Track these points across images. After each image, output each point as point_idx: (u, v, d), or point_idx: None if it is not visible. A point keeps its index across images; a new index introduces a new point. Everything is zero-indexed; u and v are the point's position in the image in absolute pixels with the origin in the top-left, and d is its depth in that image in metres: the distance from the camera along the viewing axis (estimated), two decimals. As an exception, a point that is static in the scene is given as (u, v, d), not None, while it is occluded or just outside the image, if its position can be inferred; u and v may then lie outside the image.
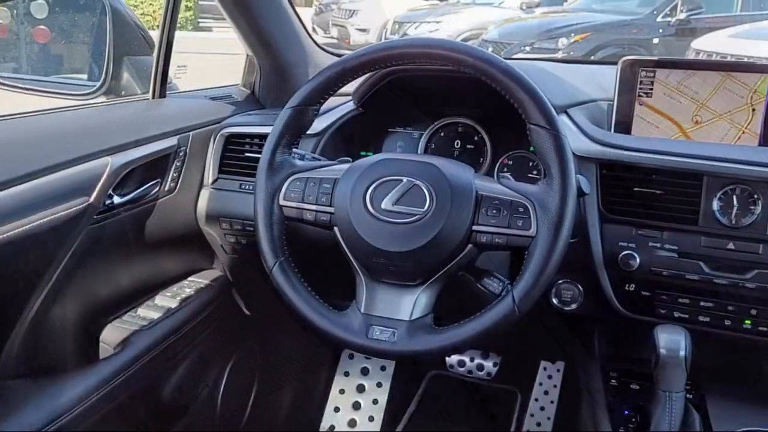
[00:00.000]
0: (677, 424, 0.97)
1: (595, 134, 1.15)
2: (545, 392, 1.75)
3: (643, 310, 1.12)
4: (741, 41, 4.76)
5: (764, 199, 1.05)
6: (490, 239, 0.94)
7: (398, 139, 1.44)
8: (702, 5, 6.89)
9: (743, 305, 1.07)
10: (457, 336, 0.92)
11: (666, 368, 0.98)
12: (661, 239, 1.09)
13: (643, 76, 1.22)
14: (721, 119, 1.20)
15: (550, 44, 6.68)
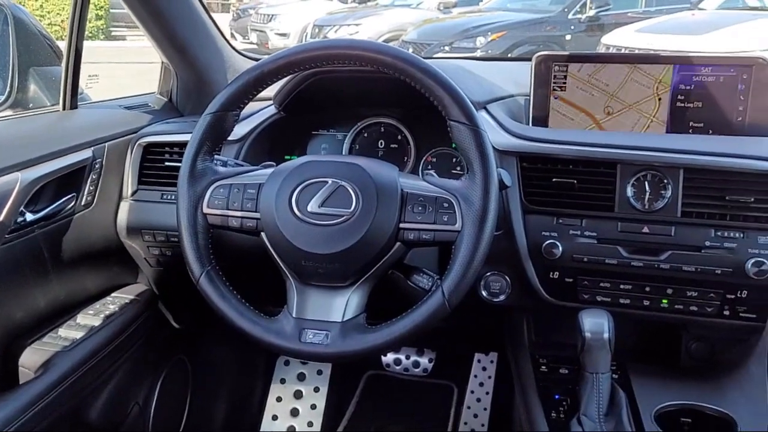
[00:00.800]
0: (605, 403, 1.01)
1: (514, 128, 1.18)
2: (480, 384, 1.78)
3: (568, 296, 1.15)
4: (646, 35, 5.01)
5: (673, 183, 1.10)
6: (417, 236, 0.95)
7: (322, 141, 1.43)
8: (609, 2, 7.19)
9: (659, 286, 1.12)
10: (390, 333, 0.93)
11: (591, 351, 1.01)
12: (581, 227, 1.13)
13: (557, 70, 1.26)
14: (631, 109, 1.25)
15: (468, 43, 6.82)
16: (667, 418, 1.08)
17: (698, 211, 1.09)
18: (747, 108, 1.19)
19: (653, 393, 1.11)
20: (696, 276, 1.09)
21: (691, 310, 1.11)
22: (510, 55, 6.46)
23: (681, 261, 1.09)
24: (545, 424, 1.08)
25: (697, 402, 1.09)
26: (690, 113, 1.22)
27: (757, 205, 1.07)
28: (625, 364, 1.19)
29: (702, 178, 1.09)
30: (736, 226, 1.09)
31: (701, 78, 1.21)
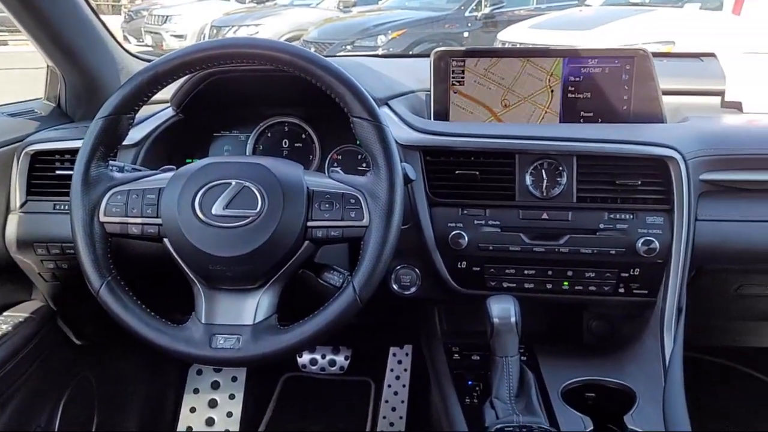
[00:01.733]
0: (515, 385, 1.05)
1: (416, 123, 1.20)
2: (397, 377, 1.81)
3: (476, 284, 1.19)
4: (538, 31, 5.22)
5: (568, 170, 1.15)
6: (325, 233, 0.95)
7: (225, 143, 1.40)
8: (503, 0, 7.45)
9: (560, 269, 1.17)
10: (304, 333, 0.92)
11: (500, 335, 1.04)
12: (485, 217, 1.16)
13: (455, 65, 1.29)
14: (526, 101, 1.30)
15: (370, 42, 6.87)
16: (573, 394, 1.13)
17: (592, 196, 1.15)
18: (631, 97, 1.26)
19: (559, 372, 1.16)
20: (593, 257, 1.15)
21: (590, 290, 1.17)
22: (411, 52, 6.56)
23: (579, 244, 1.15)
24: (460, 409, 1.10)
25: (600, 377, 1.15)
26: (580, 103, 1.28)
27: (644, 188, 1.15)
28: (533, 346, 1.23)
29: (593, 164, 1.15)
30: (626, 208, 1.15)
31: (589, 70, 1.27)
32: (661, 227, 1.14)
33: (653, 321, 1.18)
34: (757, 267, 1.23)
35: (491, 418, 1.02)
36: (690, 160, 1.15)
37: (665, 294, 1.16)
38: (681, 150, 1.14)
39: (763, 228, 1.19)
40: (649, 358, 1.17)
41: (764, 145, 1.20)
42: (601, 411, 1.10)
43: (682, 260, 1.14)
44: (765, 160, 1.18)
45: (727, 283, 1.30)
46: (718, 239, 1.18)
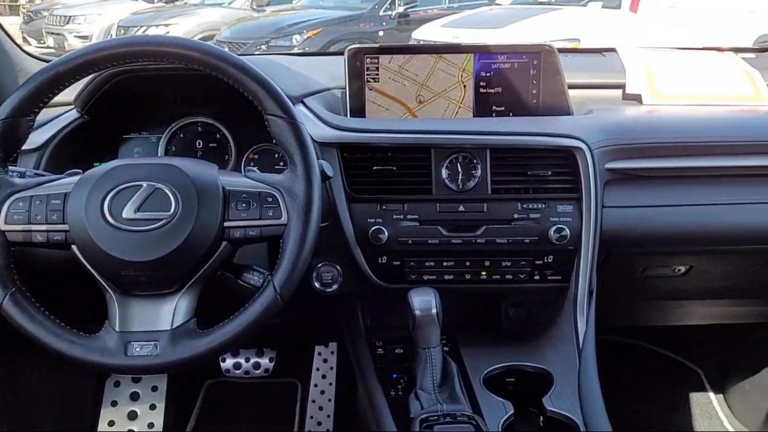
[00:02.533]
0: (438, 375, 1.07)
1: (333, 120, 1.20)
2: (323, 376, 1.80)
3: (397, 278, 1.20)
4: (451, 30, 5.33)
5: (482, 163, 1.19)
6: (243, 233, 0.93)
7: (135, 145, 1.35)
8: (416, 0, 7.55)
9: (478, 259, 1.20)
10: (224, 335, 0.91)
11: (422, 327, 1.06)
12: (404, 211, 1.18)
13: (369, 62, 1.30)
14: (440, 97, 1.32)
15: (285, 41, 6.81)
16: (494, 380, 1.16)
17: (505, 187, 1.19)
18: (540, 91, 1.31)
19: (480, 359, 1.19)
20: (508, 247, 1.18)
21: (507, 278, 1.21)
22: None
23: (495, 234, 1.18)
24: (385, 403, 1.11)
25: (519, 362, 1.19)
26: (492, 98, 1.31)
27: (554, 178, 1.19)
28: (455, 336, 1.26)
29: (506, 157, 1.19)
30: (538, 198, 1.19)
31: (499, 65, 1.31)
32: (571, 215, 1.19)
33: (567, 305, 1.23)
34: (659, 250, 1.31)
35: (416, 409, 1.03)
36: (595, 150, 1.20)
37: (577, 279, 1.21)
38: (587, 141, 1.20)
39: (664, 213, 1.26)
40: (564, 341, 1.21)
41: (662, 135, 1.27)
42: (521, 394, 1.14)
43: (592, 246, 1.20)
44: (662, 149, 1.26)
45: (633, 266, 1.38)
46: (623, 225, 1.24)
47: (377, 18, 7.26)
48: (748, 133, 1.29)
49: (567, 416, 1.07)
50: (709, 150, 1.27)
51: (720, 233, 1.27)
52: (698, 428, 1.97)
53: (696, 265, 1.39)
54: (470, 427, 0.98)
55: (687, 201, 1.26)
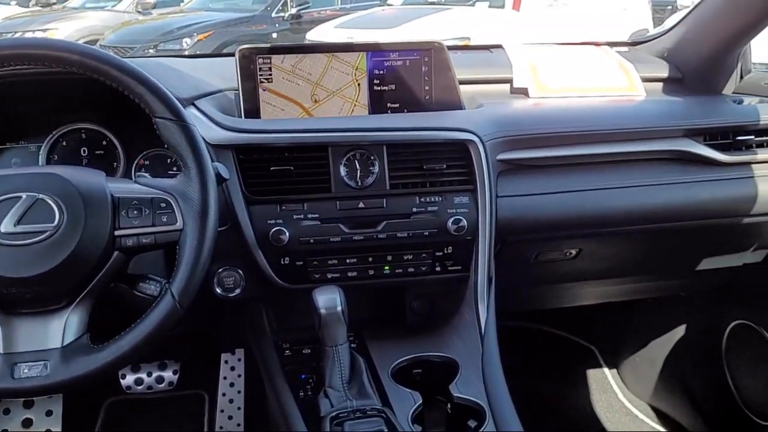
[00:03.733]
0: (347, 372, 1.07)
1: (226, 122, 1.18)
2: (231, 384, 1.76)
3: (301, 278, 1.19)
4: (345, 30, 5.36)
5: (379, 159, 1.20)
6: (136, 241, 0.90)
7: (12, 155, 1.27)
8: (309, 1, 7.53)
9: (380, 254, 1.21)
10: (121, 348, 0.87)
11: (328, 326, 1.06)
12: (304, 211, 1.17)
13: (261, 63, 1.28)
14: (335, 96, 1.32)
15: (174, 45, 6.61)
16: (402, 372, 1.18)
17: (403, 182, 1.21)
18: (432, 87, 1.34)
19: (388, 353, 1.21)
20: (409, 240, 1.20)
21: (409, 271, 1.23)
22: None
23: (395, 229, 1.20)
24: (294, 404, 1.10)
25: (425, 353, 1.21)
26: (387, 95, 1.33)
27: (450, 171, 1.22)
28: (361, 332, 1.27)
29: (402, 152, 1.21)
30: (435, 191, 1.22)
31: (391, 63, 1.32)
32: (468, 206, 1.22)
33: (468, 294, 1.27)
34: (550, 235, 1.38)
35: (326, 408, 1.03)
36: (487, 142, 1.24)
37: (476, 268, 1.25)
38: (478, 133, 1.24)
39: (553, 199, 1.33)
40: (467, 328, 1.25)
41: (547, 126, 1.34)
42: (429, 384, 1.16)
43: (488, 235, 1.24)
44: (549, 139, 1.32)
45: (528, 252, 1.44)
46: (516, 213, 1.30)
47: (270, 20, 7.18)
48: (625, 122, 1.38)
49: (473, 401, 1.10)
50: (590, 138, 1.35)
51: (604, 216, 1.36)
52: (595, 402, 2.09)
53: (585, 248, 1.47)
54: (380, 420, 0.99)
55: (573, 187, 1.34)
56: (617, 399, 2.11)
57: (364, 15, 6.39)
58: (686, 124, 1.41)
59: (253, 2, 7.56)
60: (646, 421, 2.02)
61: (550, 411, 2.04)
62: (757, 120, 1.44)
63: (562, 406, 2.07)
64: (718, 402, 1.88)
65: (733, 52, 1.56)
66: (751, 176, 1.43)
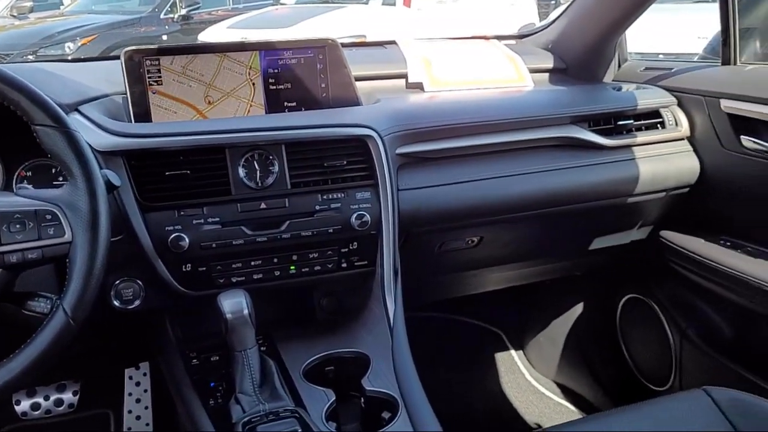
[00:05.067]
0: (257, 376, 1.05)
1: (115, 127, 1.13)
2: (137, 400, 1.69)
3: (205, 285, 1.16)
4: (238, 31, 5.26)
5: (279, 159, 1.18)
6: (21, 257, 0.84)
7: None
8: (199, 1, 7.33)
9: (285, 254, 1.20)
10: (10, 372, 0.81)
11: (235, 330, 1.03)
12: (204, 215, 1.14)
13: (149, 65, 1.24)
14: (230, 96, 1.30)
15: (56, 50, 6.26)
16: (314, 371, 1.17)
17: (304, 180, 1.20)
18: (328, 84, 1.34)
19: (298, 353, 1.20)
20: (314, 239, 1.20)
21: (316, 270, 1.22)
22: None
23: (299, 228, 1.19)
24: (205, 413, 1.07)
25: (336, 349, 1.21)
26: (283, 94, 1.32)
27: (350, 167, 1.23)
28: (271, 333, 1.25)
29: (301, 150, 1.20)
30: (337, 188, 1.22)
31: (285, 61, 1.31)
32: (370, 201, 1.23)
33: (375, 288, 1.28)
34: (452, 225, 1.41)
35: (238, 413, 1.01)
36: (385, 136, 1.26)
37: (382, 261, 1.26)
38: (376, 128, 1.25)
39: (452, 190, 1.36)
40: (376, 322, 1.26)
41: (442, 118, 1.37)
42: (342, 380, 1.16)
43: (392, 228, 1.25)
44: (444, 131, 1.36)
45: (431, 242, 1.47)
46: (418, 205, 1.32)
47: (159, 21, 6.93)
48: (515, 112, 1.44)
49: (386, 393, 1.11)
50: (484, 129, 1.39)
51: (501, 203, 1.41)
52: (504, 384, 2.17)
53: (486, 235, 1.52)
54: (293, 421, 0.98)
55: (471, 177, 1.38)
56: (524, 379, 2.19)
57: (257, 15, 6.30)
58: (572, 112, 1.48)
59: (139, 3, 7.27)
60: (552, 397, 2.12)
61: (462, 396, 2.09)
62: (635, 105, 1.54)
63: (472, 390, 2.13)
64: (616, 372, 1.99)
65: (610, 42, 1.66)
66: (633, 158, 1.52)
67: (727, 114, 1.47)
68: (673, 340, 1.74)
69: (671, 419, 1.11)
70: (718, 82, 1.53)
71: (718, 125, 1.51)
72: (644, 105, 1.55)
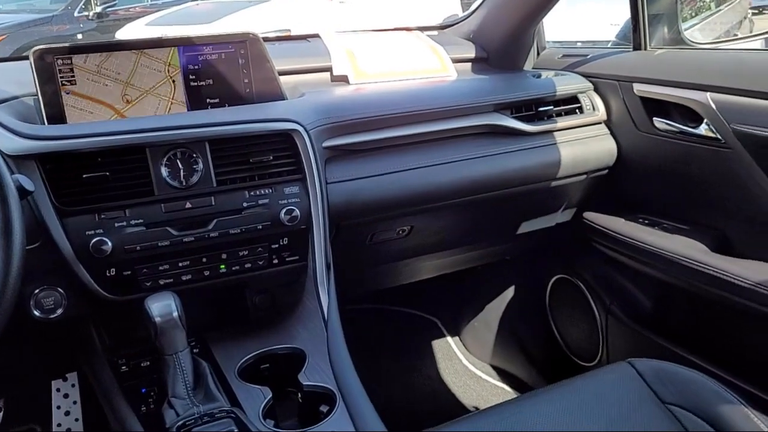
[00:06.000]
0: (190, 379, 1.03)
1: (25, 130, 1.08)
2: (66, 413, 1.63)
3: (131, 289, 1.12)
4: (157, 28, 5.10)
5: (203, 156, 1.16)
6: None
7: None
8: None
9: (214, 254, 1.17)
10: None
11: (165, 333, 1.01)
12: (126, 217, 1.10)
13: (61, 64, 1.19)
14: (149, 94, 1.26)
15: (-39, 53, 5.91)
16: (250, 370, 1.16)
17: (231, 177, 1.18)
18: (251, 80, 1.32)
19: (233, 353, 1.18)
20: (243, 236, 1.18)
21: (246, 267, 1.21)
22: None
23: (227, 226, 1.17)
24: (137, 420, 1.05)
25: (271, 347, 1.20)
26: (205, 90, 1.29)
27: (277, 162, 1.21)
28: (203, 334, 1.23)
29: (226, 147, 1.18)
30: (265, 183, 1.20)
31: (206, 57, 1.29)
32: (299, 195, 1.22)
33: (308, 283, 1.27)
34: (382, 216, 1.42)
35: (171, 418, 0.99)
36: (311, 130, 1.25)
37: (314, 256, 1.26)
38: (302, 122, 1.24)
39: (380, 181, 1.37)
40: (311, 317, 1.26)
41: (368, 110, 1.38)
42: (278, 377, 1.16)
43: (322, 222, 1.25)
44: (370, 123, 1.36)
45: (363, 234, 1.47)
46: (347, 198, 1.33)
47: (72, 19, 6.64)
48: (440, 101, 1.46)
49: (323, 387, 1.11)
50: (409, 119, 1.41)
51: (429, 192, 1.43)
52: (442, 370, 2.20)
53: (416, 224, 1.54)
54: (229, 421, 0.96)
55: (399, 167, 1.39)
56: (461, 364, 2.24)
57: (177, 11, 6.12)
58: (494, 100, 1.51)
59: (51, 2, 6.95)
60: (488, 380, 2.17)
61: (401, 384, 2.12)
62: (554, 91, 1.59)
63: (411, 378, 2.16)
64: (547, 351, 2.06)
65: (527, 30, 1.70)
66: (554, 143, 1.57)
67: (639, 97, 1.54)
68: (599, 316, 1.81)
69: (598, 391, 1.16)
70: (630, 67, 1.59)
71: (632, 108, 1.57)
72: (563, 91, 1.60)
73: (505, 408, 1.15)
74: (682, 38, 1.65)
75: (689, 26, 1.74)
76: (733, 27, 1.94)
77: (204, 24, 5.02)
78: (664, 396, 1.13)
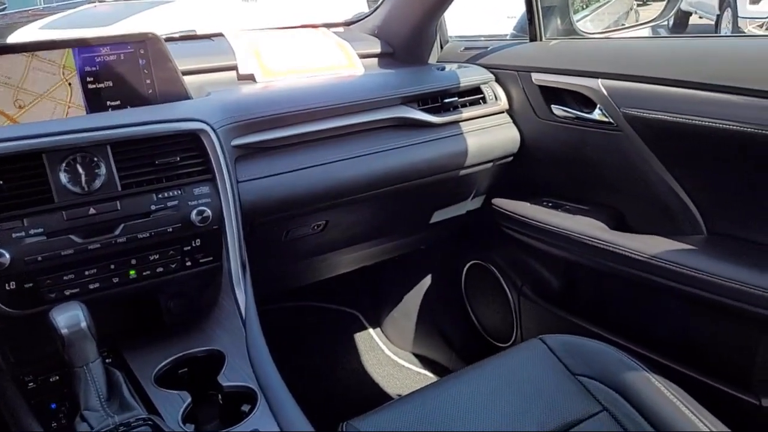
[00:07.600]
0: (103, 389, 0.99)
1: None
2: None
3: (34, 302, 1.07)
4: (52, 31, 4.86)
5: (105, 160, 1.12)
6: None
7: None
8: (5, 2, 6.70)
9: (123, 260, 1.14)
10: None
11: (73, 345, 0.97)
12: (24, 227, 1.06)
13: (-57, 71, 1.12)
14: (44, 99, 1.21)
15: None
16: (167, 376, 1.13)
17: (136, 180, 1.15)
18: (154, 80, 1.29)
19: (148, 359, 1.15)
20: (152, 240, 1.15)
21: (158, 272, 1.18)
22: None
23: (135, 231, 1.13)
24: None
25: (188, 350, 1.18)
26: (104, 93, 1.25)
27: (184, 163, 1.19)
28: (116, 344, 1.19)
29: (129, 150, 1.15)
30: (173, 185, 1.18)
31: (103, 58, 1.25)
32: (210, 195, 1.20)
33: (224, 283, 1.26)
34: (295, 212, 1.42)
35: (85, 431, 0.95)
36: (218, 129, 1.24)
37: (228, 256, 1.24)
38: (208, 121, 1.22)
39: (292, 177, 1.37)
40: (228, 318, 1.24)
41: (276, 107, 1.37)
42: (198, 381, 1.14)
43: (235, 222, 1.24)
44: (278, 120, 1.36)
45: (278, 231, 1.47)
46: (259, 195, 1.32)
47: (-42, 25, 6.24)
48: (348, 96, 1.47)
49: (244, 386, 1.10)
50: (318, 115, 1.41)
51: (341, 186, 1.44)
52: (366, 362, 2.23)
53: (330, 219, 1.55)
54: (147, 429, 0.94)
55: (309, 163, 1.40)
56: (384, 354, 2.27)
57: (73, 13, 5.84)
58: (401, 93, 1.54)
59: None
60: (411, 368, 2.21)
61: (325, 378, 2.13)
62: (458, 83, 1.64)
63: (335, 372, 2.17)
64: (466, 335, 2.12)
65: (430, 25, 1.75)
66: (460, 133, 1.62)
67: (538, 86, 1.61)
68: (512, 298, 1.88)
69: (512, 368, 1.21)
70: (527, 58, 1.66)
71: (531, 97, 1.64)
72: (466, 83, 1.65)
73: (426, 393, 1.19)
74: (575, 29, 1.74)
75: (581, 17, 1.83)
76: (620, 17, 2.06)
77: (102, 26, 4.83)
78: (574, 368, 1.20)
